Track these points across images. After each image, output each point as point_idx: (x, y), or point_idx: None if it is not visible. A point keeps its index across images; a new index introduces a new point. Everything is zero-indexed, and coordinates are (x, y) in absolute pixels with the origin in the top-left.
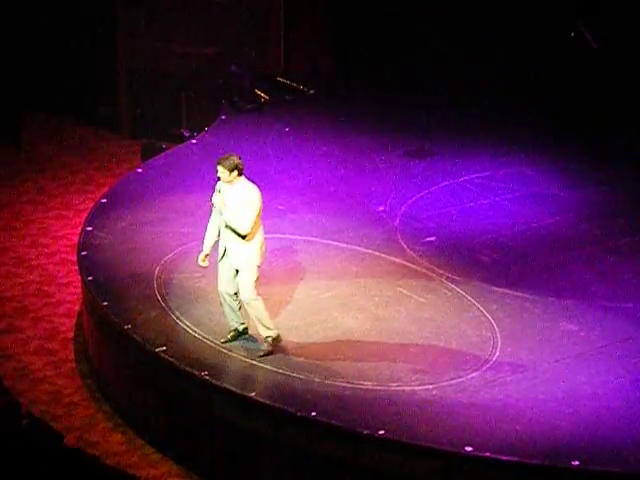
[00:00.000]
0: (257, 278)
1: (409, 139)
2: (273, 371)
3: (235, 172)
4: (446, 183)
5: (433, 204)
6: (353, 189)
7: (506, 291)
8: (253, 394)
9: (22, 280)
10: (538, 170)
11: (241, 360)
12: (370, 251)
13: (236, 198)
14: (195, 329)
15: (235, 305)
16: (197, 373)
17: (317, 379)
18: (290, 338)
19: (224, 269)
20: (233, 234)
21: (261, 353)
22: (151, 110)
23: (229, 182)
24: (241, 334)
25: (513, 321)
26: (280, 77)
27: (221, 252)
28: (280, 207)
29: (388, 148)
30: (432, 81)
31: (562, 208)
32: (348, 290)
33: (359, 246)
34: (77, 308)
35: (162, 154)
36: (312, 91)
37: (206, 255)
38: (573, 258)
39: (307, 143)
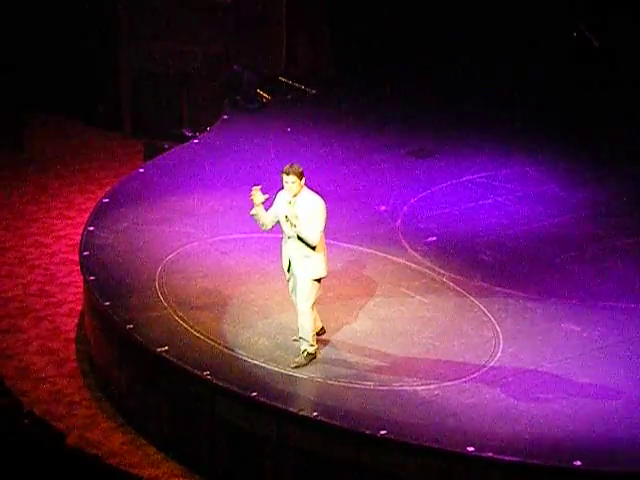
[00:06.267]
0: (319, 290)
1: (411, 139)
2: (275, 371)
3: (303, 179)
4: (448, 183)
5: (435, 204)
6: (355, 189)
7: (508, 291)
8: (255, 394)
9: (24, 280)
10: (540, 170)
11: (243, 360)
12: (372, 251)
13: (303, 208)
14: (197, 329)
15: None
16: (199, 373)
17: (319, 379)
18: (292, 338)
19: (294, 286)
20: (298, 244)
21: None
22: (153, 110)
23: (296, 193)
24: (313, 357)
25: (515, 321)
26: (282, 77)
27: (285, 265)
28: None
29: (390, 148)
30: (433, 81)
31: (564, 208)
32: (350, 290)
33: (361, 246)
34: (79, 308)
35: (164, 154)
36: (314, 91)
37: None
38: (575, 258)
39: (309, 143)
